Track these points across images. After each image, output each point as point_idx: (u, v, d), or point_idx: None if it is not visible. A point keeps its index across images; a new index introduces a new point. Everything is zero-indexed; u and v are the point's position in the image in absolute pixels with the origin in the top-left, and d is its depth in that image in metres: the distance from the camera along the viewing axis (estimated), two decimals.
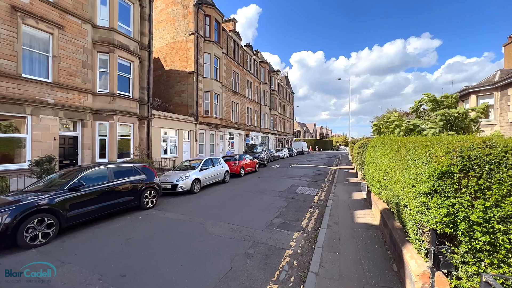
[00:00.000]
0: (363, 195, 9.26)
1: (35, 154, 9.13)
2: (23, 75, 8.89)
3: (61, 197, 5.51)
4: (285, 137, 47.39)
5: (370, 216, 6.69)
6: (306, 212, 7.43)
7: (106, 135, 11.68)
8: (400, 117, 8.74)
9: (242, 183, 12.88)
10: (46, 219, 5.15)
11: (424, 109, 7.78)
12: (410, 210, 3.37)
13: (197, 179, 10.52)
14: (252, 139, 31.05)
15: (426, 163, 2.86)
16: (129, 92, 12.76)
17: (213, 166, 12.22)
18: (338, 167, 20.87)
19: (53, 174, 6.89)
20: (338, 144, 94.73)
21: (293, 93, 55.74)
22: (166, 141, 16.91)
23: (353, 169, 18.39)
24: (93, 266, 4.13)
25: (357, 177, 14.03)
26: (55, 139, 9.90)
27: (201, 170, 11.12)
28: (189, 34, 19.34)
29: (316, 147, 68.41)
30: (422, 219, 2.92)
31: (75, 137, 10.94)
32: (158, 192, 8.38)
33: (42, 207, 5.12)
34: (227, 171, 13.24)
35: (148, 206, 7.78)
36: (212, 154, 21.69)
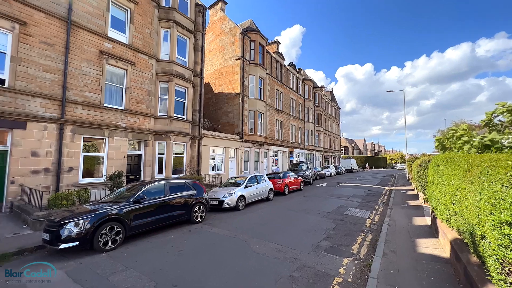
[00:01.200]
0: (427, 221, 8.05)
1: (109, 170, 10.77)
2: (104, 105, 10.84)
3: (127, 208, 6.31)
4: (331, 154, 45.26)
5: (437, 247, 5.74)
6: (357, 236, 6.82)
7: (163, 153, 13.09)
8: (470, 130, 7.53)
9: (286, 201, 12.63)
10: (115, 227, 5.93)
11: (501, 121, 6.55)
12: (490, 242, 2.81)
13: (242, 196, 10.77)
14: (296, 156, 30.57)
15: (507, 186, 2.40)
16: (183, 115, 14.22)
17: (258, 183, 12.37)
18: (394, 187, 18.75)
19: (121, 188, 7.99)
20: (393, 161, 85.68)
21: (339, 108, 53.67)
22: (214, 159, 17.97)
23: (413, 190, 16.27)
24: (150, 274, 4.53)
25: (418, 199, 12.34)
26: (124, 157, 11.54)
27: (245, 187, 11.38)
28: (236, 59, 20.88)
29: (367, 165, 63.06)
30: (507, 255, 2.41)
31: (139, 155, 12.56)
32: (206, 207, 8.84)
33: (112, 216, 5.93)
34: (271, 188, 13.22)
35: (197, 220, 8.25)
36: (257, 171, 22.03)
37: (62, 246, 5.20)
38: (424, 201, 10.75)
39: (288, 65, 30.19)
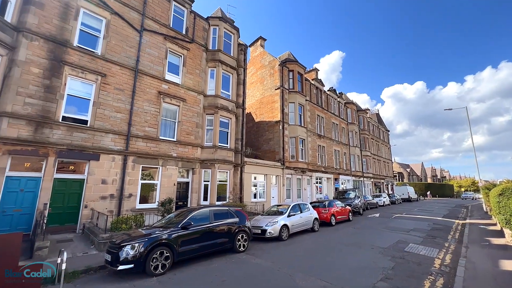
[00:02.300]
0: None
1: (161, 196, 11.71)
2: (160, 137, 12.23)
3: (176, 233, 6.64)
4: (382, 180, 41.07)
5: None
6: (423, 279, 5.75)
7: (208, 181, 13.75)
8: None
9: (333, 233, 11.64)
10: (165, 251, 6.24)
11: None
12: None
13: (285, 226, 10.34)
14: (342, 183, 28.61)
15: None
16: (227, 144, 15.00)
17: (301, 212, 11.81)
18: (467, 220, 15.70)
19: (171, 214, 8.52)
20: (462, 189, 72.97)
21: (388, 131, 49.69)
22: (256, 186, 18.03)
23: (495, 224, 13.34)
24: None
25: (503, 236, 10.02)
26: (174, 185, 12.49)
27: (288, 216, 10.94)
28: (275, 89, 21.75)
29: (428, 193, 54.87)
30: None
31: (187, 183, 13.43)
32: (249, 236, 8.71)
33: (163, 241, 6.29)
34: (316, 218, 12.43)
35: (240, 249, 8.13)
36: (299, 199, 21.17)
37: (120, 267, 5.65)
38: None
39: (328, 90, 30.01)
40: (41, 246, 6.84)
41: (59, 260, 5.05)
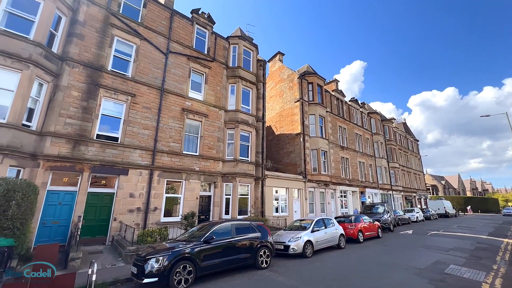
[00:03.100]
0: None
1: (184, 210, 11.95)
2: (183, 152, 12.68)
3: (198, 247, 6.66)
4: (414, 194, 38.22)
5: None
6: None
7: (230, 194, 13.81)
8: None
9: (361, 251, 10.90)
10: (188, 266, 6.25)
11: None
12: None
13: (309, 241, 9.91)
14: (368, 197, 27.09)
15: None
16: (248, 157, 15.10)
17: (325, 227, 11.29)
18: None
19: (194, 227, 8.61)
20: (510, 203, 65.23)
21: (417, 141, 46.80)
22: (277, 200, 17.72)
23: None
24: None
25: None
26: (197, 198, 12.71)
27: (312, 231, 10.50)
28: (295, 102, 21.78)
29: (469, 208, 49.78)
30: None
31: (209, 196, 13.59)
32: (272, 252, 8.46)
33: (186, 255, 6.32)
34: (342, 234, 11.79)
35: (262, 265, 7.90)
36: (323, 214, 20.34)
37: (145, 280, 5.75)
38: None
39: (349, 100, 29.38)
40: (75, 257, 7.23)
41: (89, 271, 5.28)
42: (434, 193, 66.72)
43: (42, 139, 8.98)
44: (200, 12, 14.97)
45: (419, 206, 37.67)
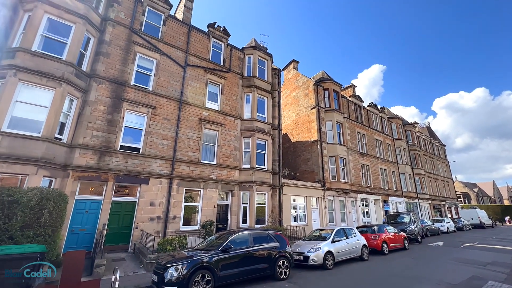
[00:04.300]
0: None
1: (202, 218, 12.06)
2: (201, 161, 12.94)
3: (216, 256, 6.64)
4: (443, 202, 35.72)
5: None
6: None
7: (247, 203, 13.77)
8: None
9: (387, 263, 10.28)
10: (206, 275, 6.24)
11: None
12: None
13: (329, 252, 9.52)
14: (392, 206, 25.71)
15: None
16: (264, 165, 15.06)
17: (347, 237, 10.81)
18: None
19: (212, 236, 8.64)
20: None
21: (444, 145, 44.11)
22: (295, 208, 17.35)
23: None
24: None
25: None
26: (214, 207, 12.80)
27: (333, 241, 10.09)
28: (311, 109, 21.57)
29: (507, 218, 45.35)
30: None
31: (226, 205, 13.64)
32: (291, 263, 8.23)
33: (204, 264, 6.33)
34: (364, 245, 11.23)
35: (281, 277, 7.69)
36: (344, 223, 19.56)
37: None
38: None
39: (368, 105, 28.57)
40: (99, 264, 7.52)
41: (113, 278, 5.45)
42: (466, 201, 61.87)
43: (71, 150, 9.61)
44: (216, 26, 15.55)
45: (449, 215, 35.05)
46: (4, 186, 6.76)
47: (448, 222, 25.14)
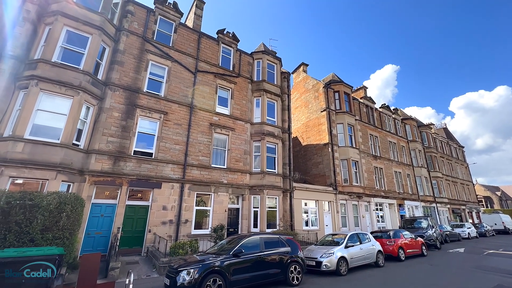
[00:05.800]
0: None
1: (214, 222, 12.11)
2: (212, 165, 13.05)
3: (228, 261, 6.62)
4: (463, 207, 34.10)
5: None
6: None
7: (258, 207, 13.71)
8: None
9: (404, 270, 9.89)
10: (217, 279, 6.22)
11: None
12: None
13: (343, 258, 9.27)
14: (408, 210, 24.82)
15: None
16: (274, 169, 14.99)
17: (360, 243, 10.51)
18: None
19: (223, 240, 8.64)
20: None
21: (462, 147, 42.30)
22: (307, 213, 17.10)
23: None
24: None
25: None
26: (225, 211, 12.83)
27: (346, 246, 9.83)
28: (321, 111, 21.35)
29: None
30: None
31: (237, 209, 13.64)
32: (303, 268, 8.08)
33: (215, 268, 6.31)
34: (379, 251, 10.87)
35: (293, 282, 7.55)
36: (357, 228, 19.05)
37: None
38: None
39: (380, 107, 27.95)
40: (114, 266, 7.68)
41: (127, 281, 5.55)
42: (488, 205, 58.79)
43: (88, 156, 9.97)
44: (225, 32, 15.80)
45: (470, 220, 33.43)
46: (26, 191, 7.07)
47: (469, 228, 23.94)
